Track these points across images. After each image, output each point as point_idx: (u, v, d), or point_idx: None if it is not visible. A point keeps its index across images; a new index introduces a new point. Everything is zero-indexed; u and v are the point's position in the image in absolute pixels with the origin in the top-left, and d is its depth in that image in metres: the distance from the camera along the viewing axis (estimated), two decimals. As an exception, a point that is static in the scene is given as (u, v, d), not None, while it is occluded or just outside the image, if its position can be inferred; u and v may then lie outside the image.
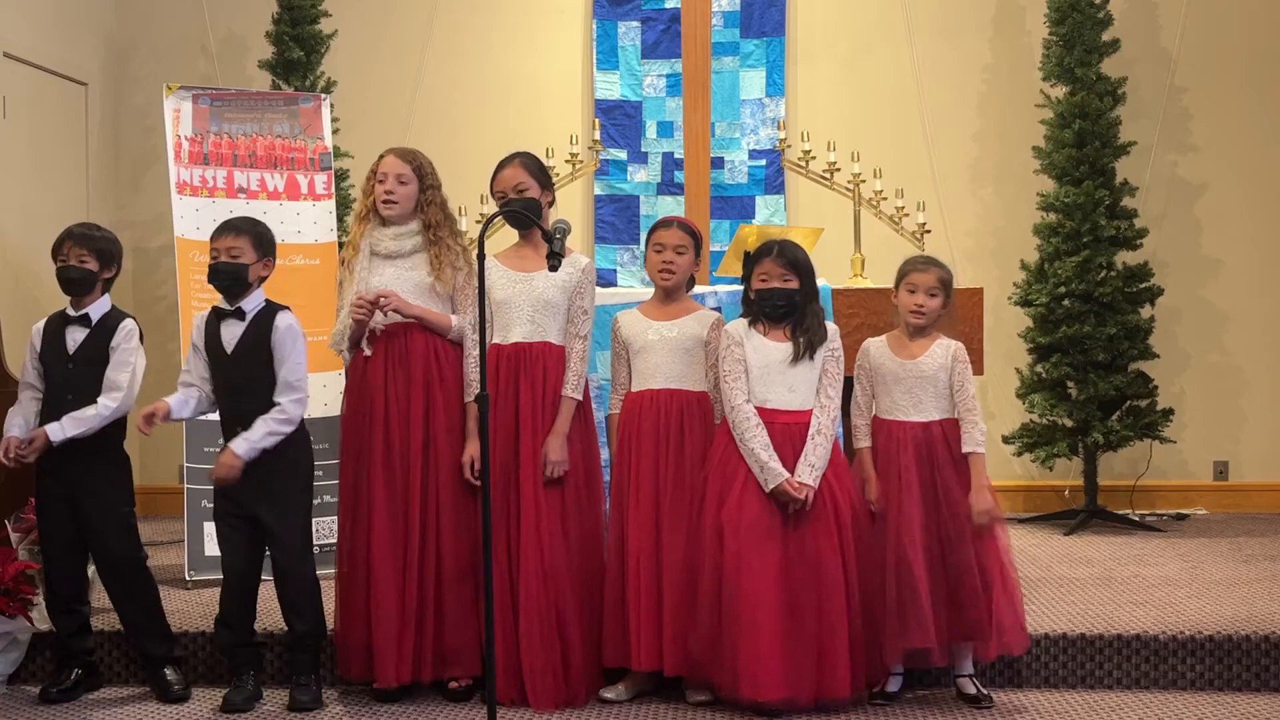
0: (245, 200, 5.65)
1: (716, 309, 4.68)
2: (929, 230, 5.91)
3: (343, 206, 6.38)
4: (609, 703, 4.20)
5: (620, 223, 7.13)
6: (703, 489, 4.13)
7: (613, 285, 6.83)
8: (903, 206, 5.93)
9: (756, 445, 4.05)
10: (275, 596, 4.27)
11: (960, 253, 6.87)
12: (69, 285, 4.31)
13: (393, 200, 4.30)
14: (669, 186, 7.08)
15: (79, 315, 4.31)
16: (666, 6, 7.08)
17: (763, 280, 4.16)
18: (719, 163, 6.99)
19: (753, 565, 3.96)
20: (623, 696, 4.21)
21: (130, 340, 4.32)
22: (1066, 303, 6.47)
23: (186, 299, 5.52)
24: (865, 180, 5.92)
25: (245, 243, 4.23)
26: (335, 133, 6.17)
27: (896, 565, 4.05)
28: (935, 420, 4.18)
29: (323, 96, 6.03)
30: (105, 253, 4.35)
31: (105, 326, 4.31)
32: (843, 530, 4.06)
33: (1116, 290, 6.46)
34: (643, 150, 7.16)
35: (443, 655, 4.22)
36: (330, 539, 4.98)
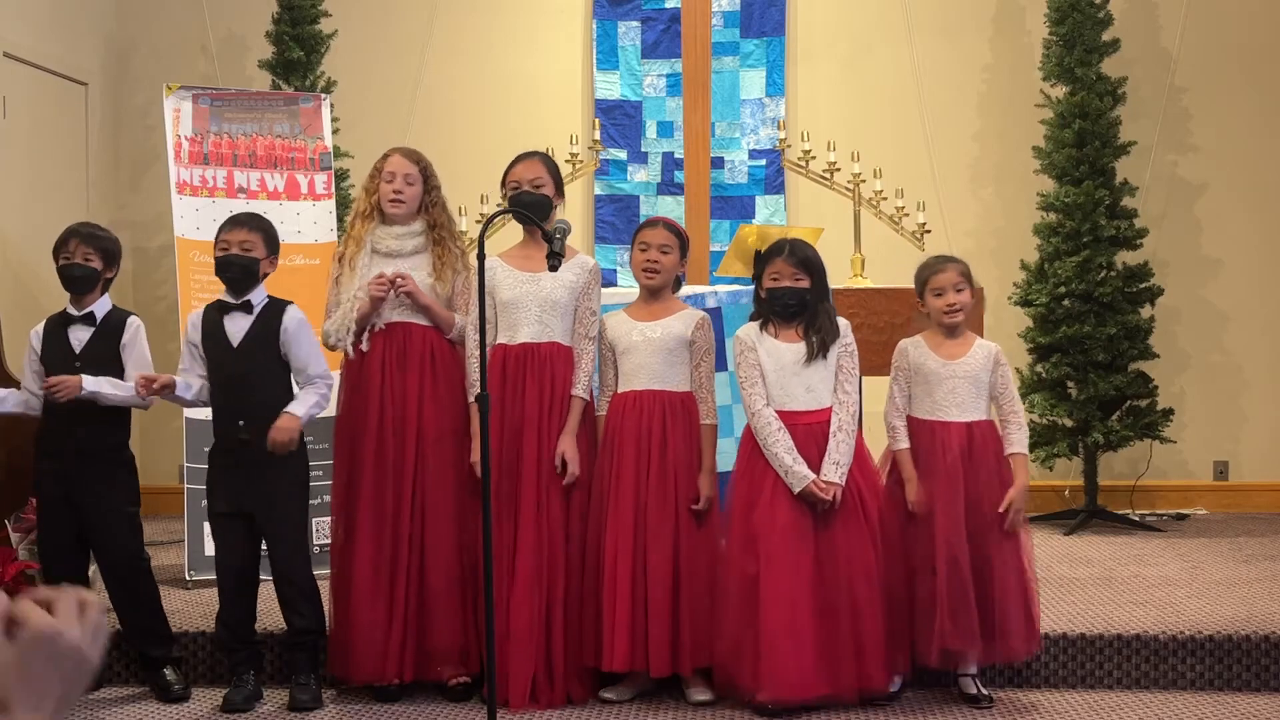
0: (245, 200, 5.64)
1: (716, 309, 4.68)
2: (929, 230, 5.91)
3: (343, 206, 6.38)
4: (609, 703, 4.20)
5: (620, 223, 7.12)
6: (728, 497, 4.13)
7: (613, 285, 6.81)
8: (903, 206, 5.93)
9: (780, 449, 4.04)
10: (274, 596, 4.27)
11: (960, 253, 6.78)
12: (73, 283, 4.30)
13: (400, 199, 4.31)
14: (669, 186, 7.07)
15: (83, 314, 4.30)
16: (666, 6, 7.08)
17: (774, 280, 4.16)
18: (719, 163, 6.98)
19: (785, 569, 3.96)
20: (623, 696, 4.21)
21: (140, 336, 4.33)
22: (1066, 303, 6.47)
23: (186, 299, 5.52)
24: (865, 180, 5.92)
25: (258, 238, 4.25)
26: (335, 133, 6.17)
27: (948, 566, 4.04)
28: (977, 420, 4.18)
29: (323, 96, 6.03)
30: (109, 252, 4.36)
31: (110, 325, 4.31)
32: (870, 524, 4.06)
33: (1116, 290, 6.45)
34: (643, 150, 7.16)
35: (432, 654, 4.22)
36: (327, 539, 4.98)
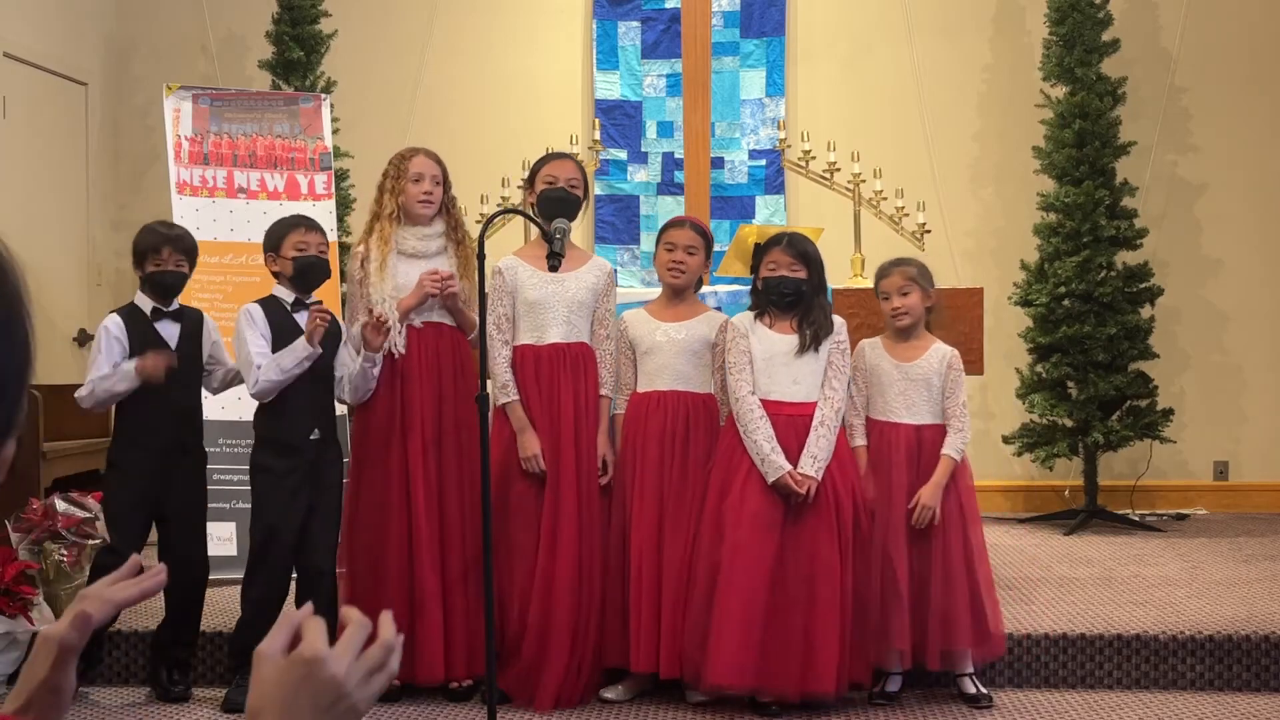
0: (245, 200, 5.65)
1: (716, 309, 4.68)
2: (929, 230, 5.91)
3: (343, 206, 6.38)
4: (609, 703, 4.20)
5: (620, 223, 7.12)
6: (705, 481, 4.14)
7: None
8: (903, 206, 5.93)
9: (760, 437, 4.04)
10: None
11: (960, 253, 6.88)
12: (168, 290, 4.33)
13: (431, 200, 4.33)
14: (669, 186, 7.08)
15: (172, 310, 4.35)
16: (666, 6, 7.08)
17: (771, 269, 4.17)
18: (719, 163, 6.99)
19: (749, 556, 3.97)
20: (623, 696, 4.21)
21: (218, 331, 4.47)
22: (1066, 303, 6.47)
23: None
24: (865, 180, 5.92)
25: (327, 244, 4.35)
26: (335, 133, 6.17)
27: (882, 565, 4.07)
28: (927, 424, 4.18)
29: (323, 96, 6.03)
30: (193, 252, 4.41)
31: (192, 321, 4.39)
32: (843, 524, 4.05)
33: (1116, 290, 6.46)
34: (643, 150, 7.16)
35: (476, 652, 4.22)
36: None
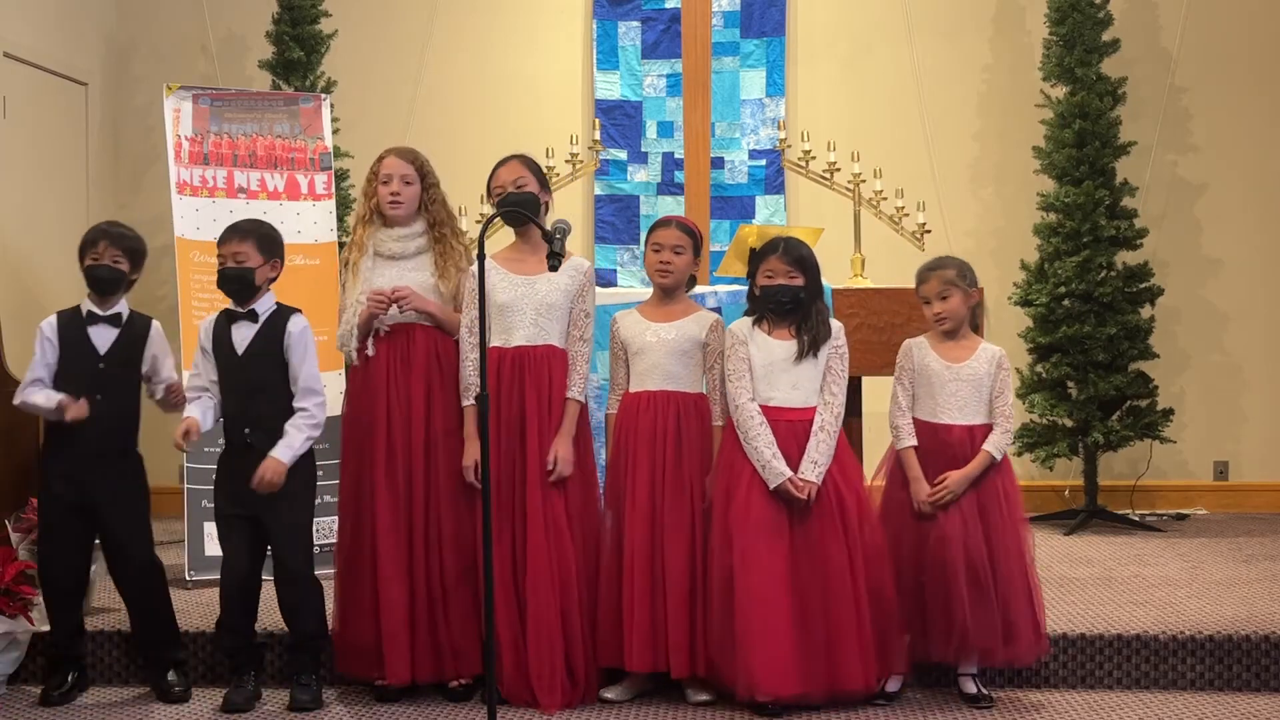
0: (245, 200, 5.65)
1: (716, 309, 4.68)
2: (929, 230, 5.91)
3: (343, 206, 6.38)
4: (609, 703, 4.20)
5: (620, 223, 7.12)
6: (701, 484, 4.14)
7: (613, 285, 6.83)
8: (903, 206, 5.92)
9: (760, 444, 4.05)
10: (274, 596, 4.26)
11: (960, 253, 6.77)
12: (100, 284, 4.27)
13: (399, 201, 4.30)
14: (669, 186, 7.08)
15: (109, 315, 4.28)
16: (666, 6, 7.08)
17: (768, 277, 4.17)
18: (719, 163, 6.98)
19: (760, 564, 3.97)
20: (623, 696, 4.21)
21: (165, 342, 4.37)
22: (1066, 303, 6.47)
23: (186, 299, 5.53)
24: (865, 180, 5.91)
25: (250, 246, 4.22)
26: (335, 133, 6.16)
27: (966, 566, 4.04)
28: (979, 424, 4.18)
29: (323, 96, 6.03)
30: (136, 253, 4.35)
31: (134, 328, 4.30)
32: (848, 526, 4.06)
33: (1116, 290, 6.45)
34: (643, 150, 7.15)
35: (449, 654, 4.22)
36: (331, 539, 4.98)
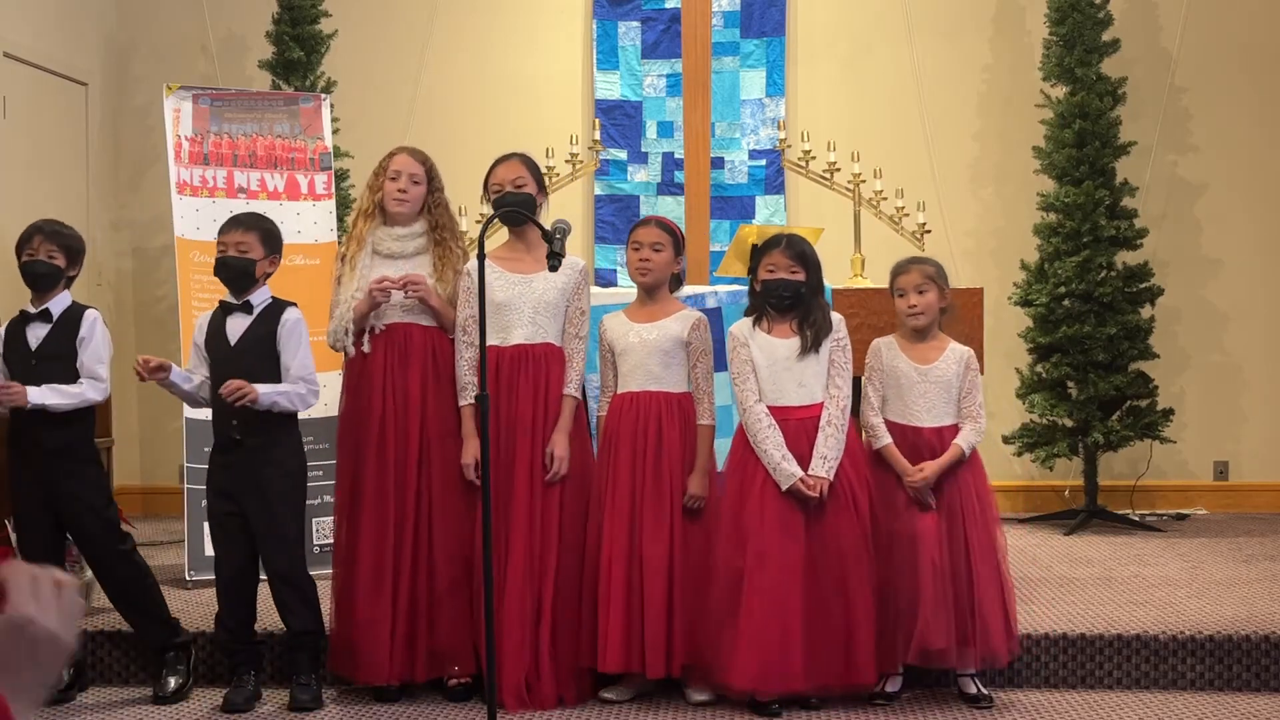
0: (245, 200, 5.64)
1: (716, 309, 4.68)
2: (929, 230, 5.91)
3: (343, 206, 6.38)
4: (609, 703, 4.20)
5: (620, 223, 7.12)
6: (719, 492, 4.14)
7: (613, 285, 6.82)
8: (903, 206, 5.92)
9: (770, 446, 4.05)
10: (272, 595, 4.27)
11: (960, 253, 6.87)
12: (36, 280, 4.27)
13: (404, 199, 4.31)
14: (669, 186, 7.08)
15: (40, 311, 4.27)
16: (666, 6, 7.07)
17: (770, 271, 4.17)
18: (719, 163, 6.98)
19: (774, 564, 3.97)
20: (623, 696, 4.21)
21: (98, 329, 4.29)
22: (1066, 303, 6.47)
23: (186, 299, 5.52)
24: (865, 180, 5.92)
25: (254, 238, 4.25)
26: (335, 133, 6.17)
27: (930, 567, 4.06)
28: (948, 425, 4.20)
29: (323, 96, 6.03)
30: (72, 249, 4.33)
31: (67, 321, 4.28)
32: (862, 518, 4.08)
33: (1116, 290, 6.46)
34: (643, 150, 7.16)
35: (438, 654, 4.22)
36: (330, 539, 4.99)
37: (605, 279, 6.88)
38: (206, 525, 4.99)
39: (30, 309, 4.30)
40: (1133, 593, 4.95)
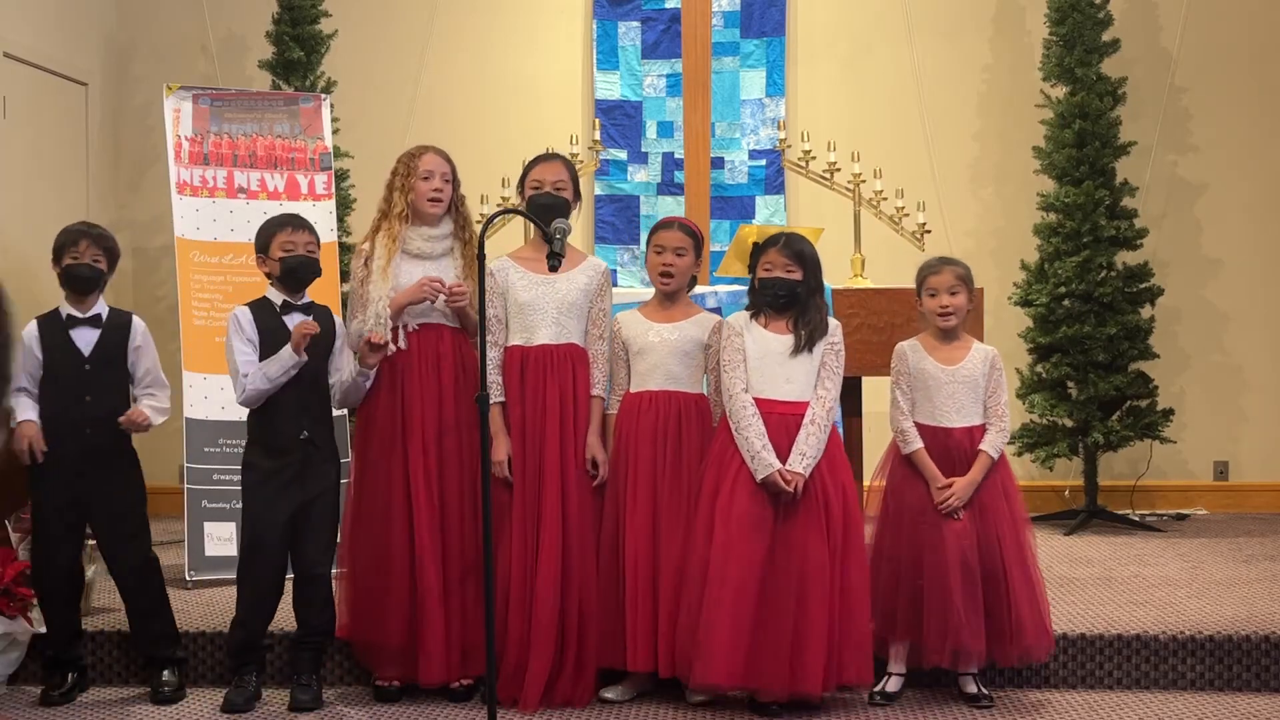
0: (245, 200, 5.65)
1: (716, 309, 4.68)
2: (929, 230, 5.91)
3: (343, 206, 6.38)
4: (609, 703, 4.20)
5: (620, 223, 7.13)
6: (700, 482, 4.14)
7: (613, 285, 6.82)
8: (903, 206, 5.92)
9: (751, 434, 4.05)
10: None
11: (960, 253, 6.80)
12: (82, 283, 4.27)
13: (440, 198, 4.31)
14: (669, 186, 7.08)
15: (89, 316, 4.28)
16: (666, 6, 7.08)
17: (767, 270, 4.18)
18: (719, 163, 6.99)
19: (739, 557, 3.97)
20: (623, 696, 4.21)
21: (149, 338, 4.38)
22: (1067, 303, 6.47)
23: (186, 299, 5.52)
24: (865, 180, 5.91)
25: (316, 242, 4.31)
26: (335, 133, 6.17)
27: (961, 567, 4.05)
28: (978, 425, 4.20)
29: (323, 96, 6.03)
30: (113, 253, 4.36)
31: (116, 326, 4.31)
32: (831, 525, 4.05)
33: (1116, 290, 6.46)
34: (643, 150, 7.16)
35: (468, 654, 4.22)
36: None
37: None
38: (207, 525, 4.99)
39: (75, 313, 4.28)
40: (1133, 593, 4.95)
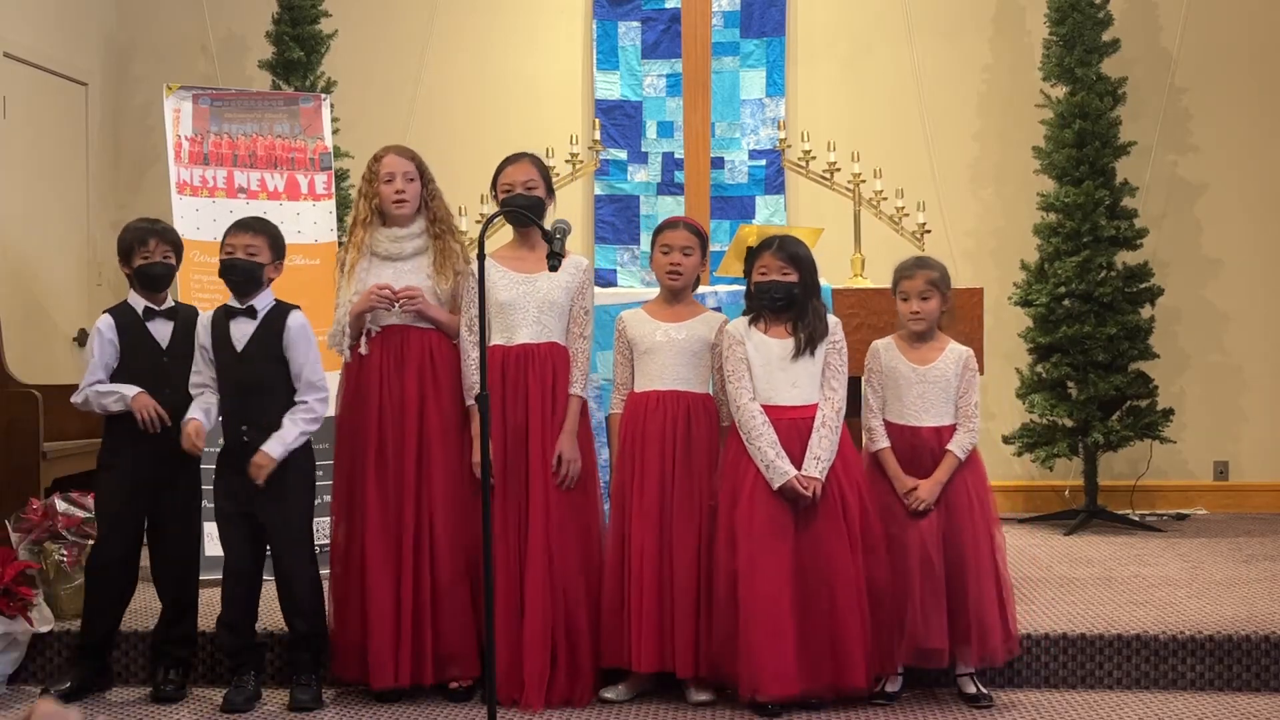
0: (245, 200, 5.65)
1: (716, 309, 4.68)
2: (929, 230, 5.91)
3: (343, 207, 6.38)
4: (609, 703, 4.20)
5: (620, 223, 7.13)
6: (715, 491, 4.14)
7: (613, 285, 6.83)
8: (903, 206, 5.92)
9: (763, 444, 4.05)
10: (275, 595, 4.26)
11: (960, 253, 6.87)
12: (155, 281, 4.34)
13: (404, 199, 4.30)
14: (669, 186, 7.08)
15: (166, 309, 4.35)
16: (666, 6, 7.08)
17: (762, 274, 4.18)
18: (719, 163, 6.99)
19: (765, 567, 3.97)
20: (623, 696, 4.21)
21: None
22: (1066, 303, 6.47)
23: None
24: (865, 180, 5.91)
25: (263, 242, 4.25)
26: (335, 133, 6.17)
27: (921, 567, 4.07)
28: (947, 425, 4.20)
29: (323, 96, 6.03)
30: (179, 246, 4.44)
31: (188, 319, 4.36)
32: (850, 522, 4.07)
33: (1116, 290, 6.46)
34: (643, 150, 7.16)
35: (442, 657, 4.22)
36: (328, 539, 4.99)
37: (605, 279, 6.88)
38: (207, 525, 4.99)
39: (151, 306, 4.35)
40: (1133, 593, 4.95)
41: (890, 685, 4.18)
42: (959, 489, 4.16)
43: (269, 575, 4.28)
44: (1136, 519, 6.55)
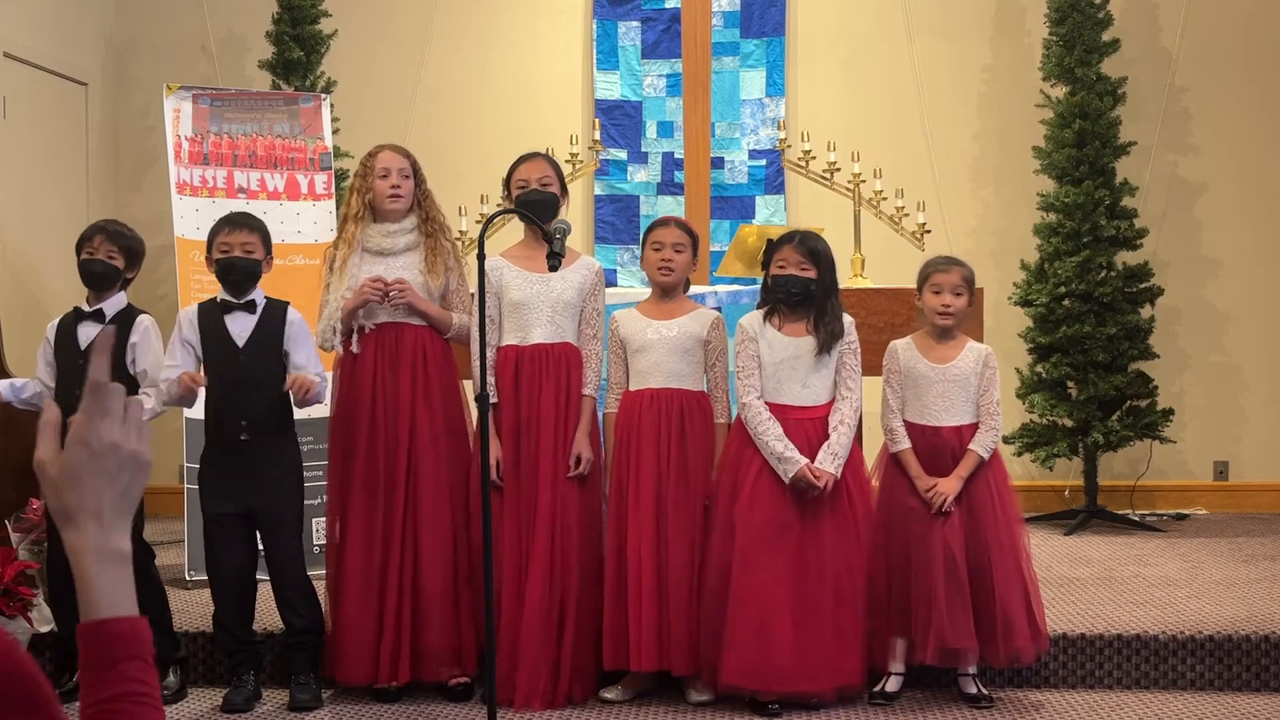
0: (245, 200, 5.65)
1: (716, 309, 4.69)
2: (929, 230, 5.91)
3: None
4: (609, 703, 4.20)
5: (620, 223, 7.12)
6: (715, 486, 4.14)
7: (613, 285, 6.81)
8: (903, 206, 5.92)
9: (770, 438, 4.04)
10: (272, 595, 4.27)
11: (960, 253, 6.78)
12: (93, 279, 4.28)
13: (399, 194, 4.31)
14: (669, 186, 7.07)
15: (93, 311, 4.28)
16: (666, 6, 7.07)
17: (780, 267, 4.16)
18: (719, 163, 6.98)
19: (761, 564, 3.97)
20: (623, 696, 4.21)
21: (151, 335, 4.30)
22: (1066, 303, 6.47)
23: (186, 299, 5.52)
24: (865, 180, 5.91)
25: (257, 239, 4.26)
26: (335, 133, 6.17)
27: (945, 565, 4.05)
28: (968, 424, 4.19)
29: (323, 96, 6.03)
30: (132, 251, 4.36)
31: (121, 323, 4.28)
32: (855, 522, 4.07)
33: (1116, 290, 6.46)
34: (643, 150, 7.15)
35: (428, 656, 4.21)
36: (324, 539, 4.99)
37: (605, 279, 6.86)
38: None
39: (84, 307, 4.30)
40: (1133, 593, 4.95)
41: (890, 685, 4.18)
42: (981, 488, 4.15)
43: (263, 575, 4.28)
44: (1136, 519, 6.55)
